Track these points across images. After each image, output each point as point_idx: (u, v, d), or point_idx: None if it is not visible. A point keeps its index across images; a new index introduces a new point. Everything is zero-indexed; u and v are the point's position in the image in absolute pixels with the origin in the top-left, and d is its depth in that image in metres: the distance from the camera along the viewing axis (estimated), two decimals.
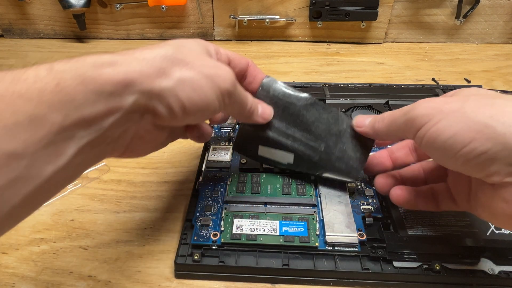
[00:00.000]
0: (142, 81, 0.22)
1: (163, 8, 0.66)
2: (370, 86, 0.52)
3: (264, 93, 0.32)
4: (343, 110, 0.46)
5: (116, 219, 0.36)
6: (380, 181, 0.32)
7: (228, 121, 0.45)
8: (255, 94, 0.32)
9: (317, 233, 0.31)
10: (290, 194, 0.34)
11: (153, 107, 0.24)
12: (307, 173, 0.35)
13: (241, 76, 0.32)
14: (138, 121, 0.24)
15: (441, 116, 0.24)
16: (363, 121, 0.32)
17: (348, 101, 0.48)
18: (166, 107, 0.24)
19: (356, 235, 0.30)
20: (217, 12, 0.68)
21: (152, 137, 0.28)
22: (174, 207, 0.37)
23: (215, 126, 0.45)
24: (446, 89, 0.51)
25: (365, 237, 0.31)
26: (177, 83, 0.24)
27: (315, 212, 0.33)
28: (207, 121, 0.34)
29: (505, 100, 0.23)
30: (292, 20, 0.67)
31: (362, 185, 0.36)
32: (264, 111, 0.32)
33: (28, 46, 0.69)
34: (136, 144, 0.26)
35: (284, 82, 0.33)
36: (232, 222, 0.32)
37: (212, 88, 0.25)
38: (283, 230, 0.31)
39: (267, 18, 0.67)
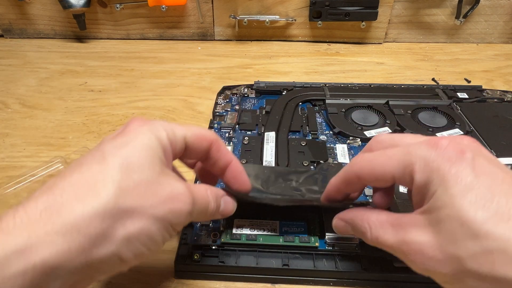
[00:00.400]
0: (72, 259, 0.17)
1: (163, 8, 0.66)
2: (370, 86, 0.52)
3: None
4: (343, 110, 0.46)
5: None
6: None
7: (228, 121, 0.45)
8: (217, 179, 0.29)
9: (317, 233, 0.31)
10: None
11: (89, 277, 0.19)
12: None
13: (204, 154, 0.26)
14: None
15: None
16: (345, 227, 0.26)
17: (348, 101, 0.48)
18: (106, 272, 0.20)
19: None
20: (217, 12, 0.68)
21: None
22: None
23: (215, 126, 0.45)
24: (446, 89, 0.51)
25: None
26: (122, 244, 0.19)
27: (315, 212, 0.33)
28: None
29: None
30: (292, 20, 0.67)
31: None
32: (225, 209, 0.27)
33: (28, 46, 0.69)
34: None
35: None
36: (232, 222, 0.32)
37: (164, 229, 0.21)
38: (283, 230, 0.31)
39: (267, 18, 0.67)
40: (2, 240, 0.16)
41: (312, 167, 0.38)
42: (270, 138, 0.41)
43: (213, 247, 0.30)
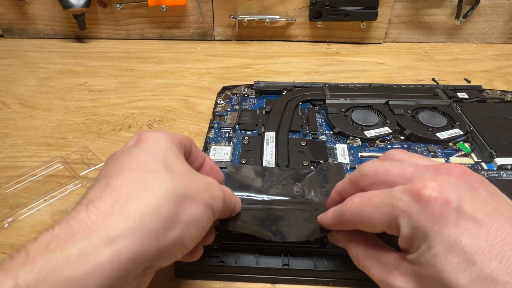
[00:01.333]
0: (150, 245, 0.19)
1: (163, 8, 0.66)
2: (370, 86, 0.52)
3: None
4: (343, 110, 0.46)
5: None
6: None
7: (228, 121, 0.45)
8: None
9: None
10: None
11: (153, 267, 0.21)
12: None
13: (189, 153, 0.28)
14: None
15: None
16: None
17: (348, 101, 0.48)
18: (168, 259, 0.21)
19: None
20: (217, 12, 0.68)
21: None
22: None
23: (215, 126, 0.45)
24: (446, 89, 0.51)
25: None
26: (184, 228, 0.21)
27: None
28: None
29: None
30: (292, 20, 0.67)
31: None
32: (237, 205, 0.29)
33: (28, 46, 0.69)
34: None
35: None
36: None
37: (209, 215, 0.23)
38: None
39: (267, 18, 0.67)
40: (86, 234, 0.18)
41: (312, 167, 0.38)
42: (270, 138, 0.41)
43: (213, 247, 0.30)
